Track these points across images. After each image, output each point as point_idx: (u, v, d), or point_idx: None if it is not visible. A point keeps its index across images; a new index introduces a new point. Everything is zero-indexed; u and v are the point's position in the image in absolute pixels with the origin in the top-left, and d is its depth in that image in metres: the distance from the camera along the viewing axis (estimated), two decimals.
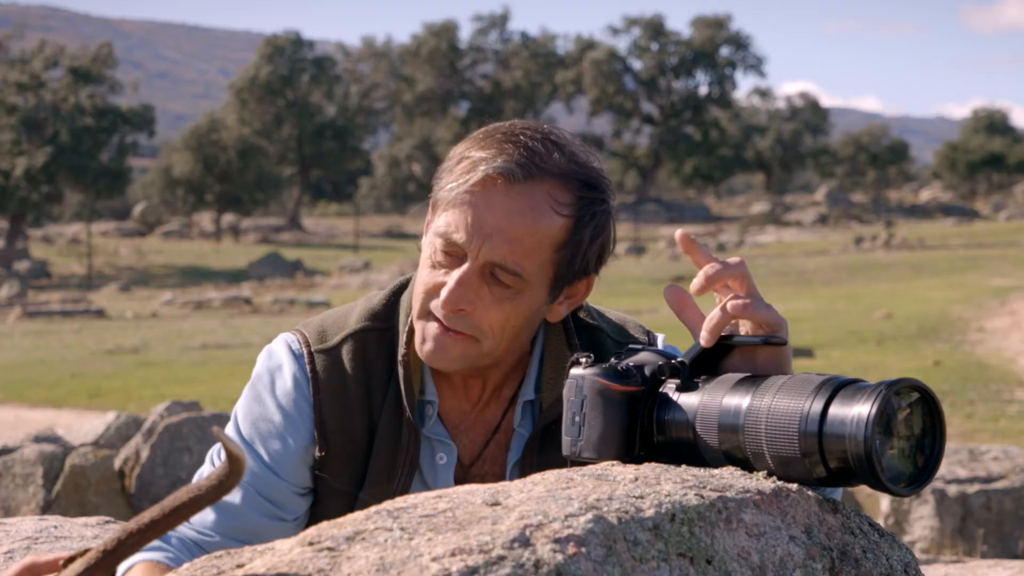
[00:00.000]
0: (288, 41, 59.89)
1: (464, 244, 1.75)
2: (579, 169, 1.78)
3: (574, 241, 1.78)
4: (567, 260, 1.78)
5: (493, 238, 1.74)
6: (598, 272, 1.86)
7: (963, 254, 32.42)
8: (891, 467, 1.33)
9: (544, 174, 1.75)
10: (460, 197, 1.75)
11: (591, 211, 1.78)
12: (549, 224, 1.75)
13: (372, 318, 1.89)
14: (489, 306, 1.77)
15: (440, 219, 1.78)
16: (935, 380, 11.84)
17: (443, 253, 1.78)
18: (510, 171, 1.73)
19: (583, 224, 1.78)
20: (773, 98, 75.06)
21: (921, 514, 6.32)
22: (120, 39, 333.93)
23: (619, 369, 1.50)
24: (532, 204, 1.74)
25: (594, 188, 1.79)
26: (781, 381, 1.39)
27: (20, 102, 46.74)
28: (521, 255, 1.75)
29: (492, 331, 1.78)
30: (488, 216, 1.74)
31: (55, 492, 6.79)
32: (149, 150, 76.70)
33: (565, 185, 1.76)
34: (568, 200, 1.76)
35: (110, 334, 20.41)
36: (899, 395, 1.33)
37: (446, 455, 1.87)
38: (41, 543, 2.05)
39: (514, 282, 1.76)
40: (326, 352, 1.86)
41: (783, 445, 1.35)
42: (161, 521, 1.16)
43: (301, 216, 59.71)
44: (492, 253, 1.74)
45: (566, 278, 1.81)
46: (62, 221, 59.73)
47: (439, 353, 1.79)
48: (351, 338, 1.87)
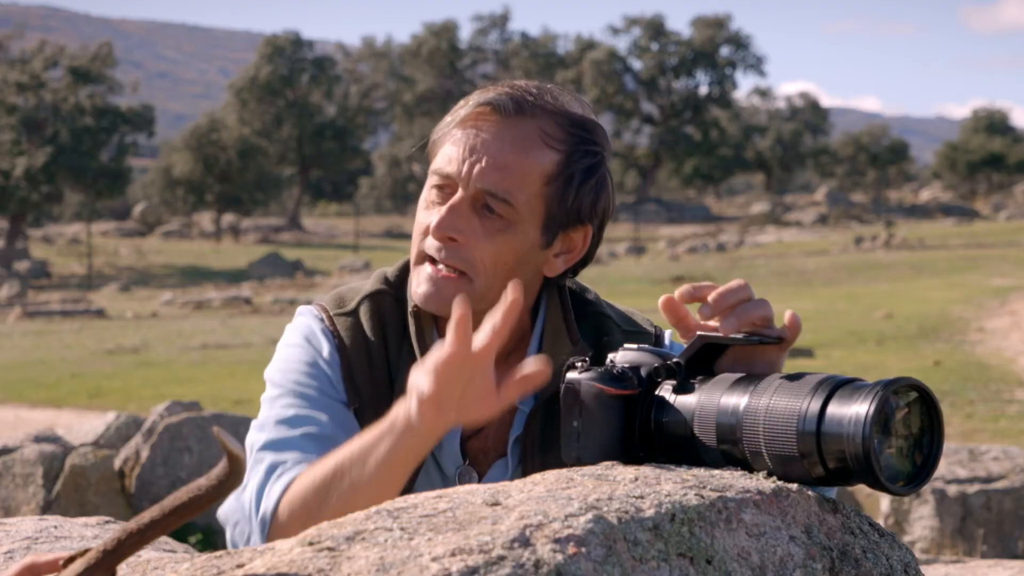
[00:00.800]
0: (288, 41, 59.89)
1: (455, 175, 1.78)
2: (573, 112, 1.81)
3: (564, 175, 1.79)
4: (558, 196, 1.79)
5: (483, 164, 1.76)
6: (595, 226, 1.86)
7: (963, 254, 32.41)
8: (889, 466, 1.33)
9: (536, 110, 1.79)
10: (452, 133, 1.80)
11: (583, 149, 1.80)
12: (539, 155, 1.78)
13: (385, 283, 1.92)
14: (480, 239, 1.78)
15: (435, 158, 1.82)
16: (935, 380, 11.84)
17: (436, 190, 1.81)
18: (502, 103, 1.78)
19: (574, 160, 1.79)
20: (773, 98, 75.08)
21: (921, 514, 6.32)
22: (120, 39, 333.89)
23: (615, 372, 1.50)
24: (523, 135, 1.77)
25: (587, 131, 1.82)
26: (779, 380, 1.39)
27: (20, 102, 46.74)
28: (511, 183, 1.76)
29: (484, 266, 1.79)
30: (479, 144, 1.77)
31: (55, 492, 6.79)
32: (149, 150, 76.75)
33: (557, 122, 1.79)
34: (559, 136, 1.79)
35: (110, 334, 20.41)
36: (897, 394, 1.33)
37: None
38: (41, 543, 2.05)
39: (504, 210, 1.77)
40: (345, 315, 1.89)
41: (781, 445, 1.34)
42: (161, 521, 1.16)
43: (301, 216, 59.71)
44: (482, 180, 1.76)
45: (559, 219, 1.81)
46: (62, 221, 59.74)
47: (433, 294, 1.80)
48: (367, 299, 1.90)
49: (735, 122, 70.27)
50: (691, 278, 28.99)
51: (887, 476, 1.31)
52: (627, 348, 1.55)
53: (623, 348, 1.55)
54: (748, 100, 75.10)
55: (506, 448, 1.88)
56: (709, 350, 1.52)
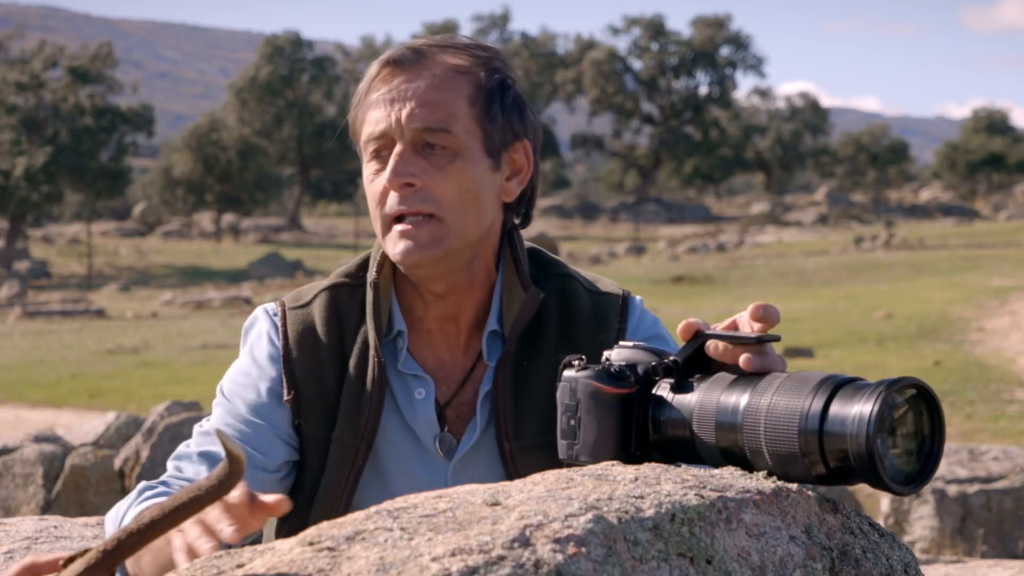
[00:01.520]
0: (288, 41, 59.91)
1: (387, 129, 1.81)
2: (469, 43, 1.88)
3: (485, 92, 1.83)
4: (487, 113, 1.83)
5: (409, 108, 1.79)
6: (531, 139, 1.89)
7: (963, 254, 32.43)
8: (891, 466, 1.33)
9: (435, 51, 1.84)
10: (367, 101, 1.84)
11: (490, 67, 1.85)
12: (456, 83, 1.82)
13: (345, 275, 1.95)
14: (436, 176, 1.80)
15: (361, 133, 1.85)
16: (935, 380, 11.85)
17: (374, 158, 1.83)
18: (401, 56, 1.83)
19: (488, 76, 1.84)
20: (773, 98, 75.11)
21: (921, 514, 6.32)
22: (120, 39, 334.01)
23: (612, 371, 1.50)
24: (433, 74, 1.82)
25: (487, 52, 1.87)
26: (780, 379, 1.38)
27: (20, 102, 46.75)
28: (442, 113, 1.80)
29: (448, 201, 1.80)
30: (396, 95, 1.81)
31: (55, 492, 6.79)
32: (149, 150, 76.76)
33: (457, 53, 1.85)
34: (466, 62, 1.84)
35: (110, 334, 20.42)
36: (899, 394, 1.33)
37: (424, 389, 1.89)
38: (41, 543, 2.05)
39: (447, 140, 1.80)
40: (299, 308, 1.93)
41: (782, 443, 1.35)
42: (161, 521, 1.17)
43: (301, 216, 59.74)
44: (415, 121, 1.79)
45: (496, 138, 1.84)
46: (62, 221, 59.74)
47: (411, 246, 1.81)
48: (324, 292, 1.93)
49: (735, 122, 70.29)
50: (691, 278, 28.98)
51: (890, 475, 1.31)
52: (623, 346, 1.54)
53: (619, 346, 1.54)
54: (748, 100, 75.14)
55: (476, 404, 1.89)
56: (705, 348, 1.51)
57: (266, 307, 1.96)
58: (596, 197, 74.89)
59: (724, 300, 23.00)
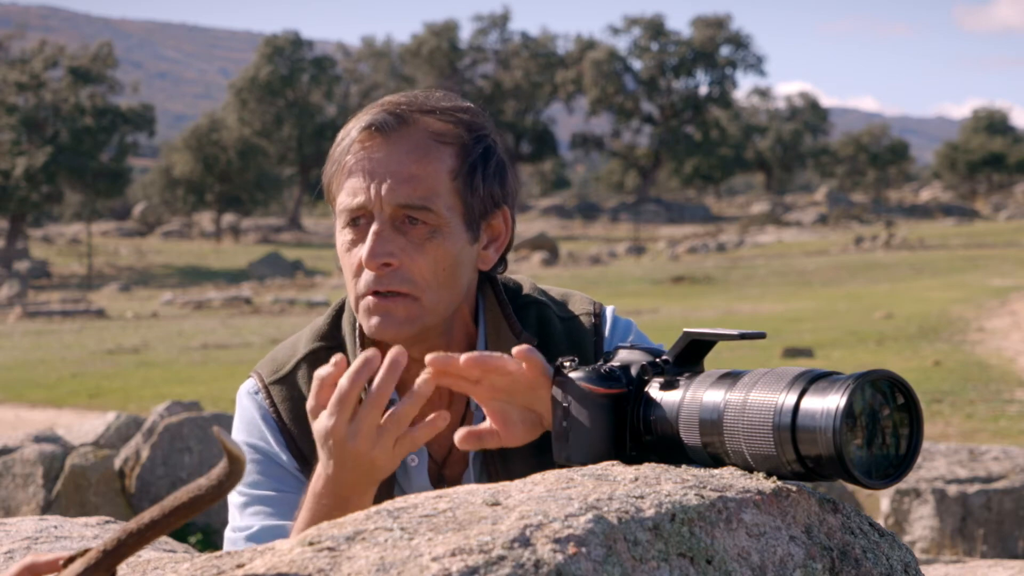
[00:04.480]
0: (288, 41, 59.92)
1: (365, 203, 1.75)
2: (450, 105, 1.81)
3: (468, 165, 1.78)
4: (469, 187, 1.78)
5: (389, 183, 1.74)
6: (511, 205, 1.86)
7: (963, 254, 32.43)
8: (864, 460, 1.31)
9: (416, 115, 1.78)
10: (344, 168, 1.77)
11: (474, 135, 1.80)
12: (437, 154, 1.77)
13: (320, 338, 1.89)
14: (413, 254, 1.76)
15: (337, 199, 1.79)
16: (935, 380, 11.85)
17: (351, 228, 1.78)
18: (382, 121, 1.76)
19: (471, 148, 1.79)
20: (773, 98, 75.11)
21: (921, 514, 6.31)
22: (120, 39, 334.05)
23: (602, 372, 1.49)
24: (414, 143, 1.76)
25: (471, 116, 1.81)
26: (760, 374, 1.38)
27: (20, 102, 46.79)
28: (423, 189, 1.74)
29: (425, 281, 1.77)
30: (377, 167, 1.74)
31: (55, 492, 6.79)
32: (149, 150, 76.77)
33: (440, 119, 1.78)
34: (447, 130, 1.78)
35: (110, 334, 20.42)
36: (874, 387, 1.32)
37: (417, 457, 1.86)
38: (41, 543, 2.04)
39: (427, 217, 1.75)
40: (280, 381, 1.88)
41: (760, 441, 1.33)
42: (161, 521, 1.16)
43: (301, 216, 59.75)
44: (394, 197, 1.74)
45: (477, 210, 1.80)
46: (62, 221, 59.75)
47: (384, 321, 1.77)
48: (303, 361, 1.88)
49: (735, 122, 70.29)
50: (691, 278, 28.98)
51: (862, 471, 1.29)
52: (621, 347, 1.55)
53: (617, 347, 1.55)
54: (748, 100, 75.15)
55: (468, 460, 1.87)
56: (697, 347, 1.51)
57: (247, 388, 1.91)
58: (596, 197, 74.93)
59: (724, 300, 23.01)
